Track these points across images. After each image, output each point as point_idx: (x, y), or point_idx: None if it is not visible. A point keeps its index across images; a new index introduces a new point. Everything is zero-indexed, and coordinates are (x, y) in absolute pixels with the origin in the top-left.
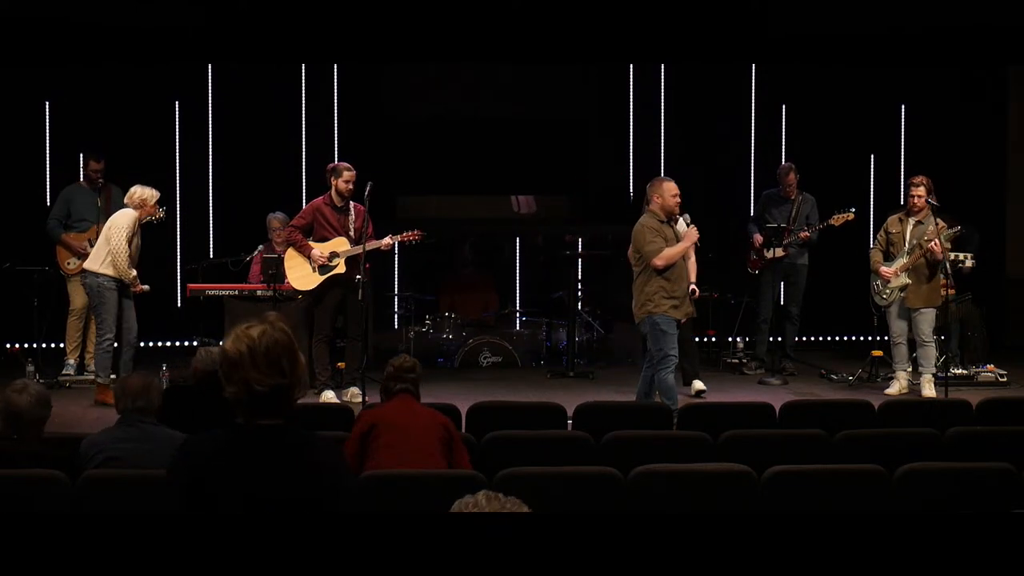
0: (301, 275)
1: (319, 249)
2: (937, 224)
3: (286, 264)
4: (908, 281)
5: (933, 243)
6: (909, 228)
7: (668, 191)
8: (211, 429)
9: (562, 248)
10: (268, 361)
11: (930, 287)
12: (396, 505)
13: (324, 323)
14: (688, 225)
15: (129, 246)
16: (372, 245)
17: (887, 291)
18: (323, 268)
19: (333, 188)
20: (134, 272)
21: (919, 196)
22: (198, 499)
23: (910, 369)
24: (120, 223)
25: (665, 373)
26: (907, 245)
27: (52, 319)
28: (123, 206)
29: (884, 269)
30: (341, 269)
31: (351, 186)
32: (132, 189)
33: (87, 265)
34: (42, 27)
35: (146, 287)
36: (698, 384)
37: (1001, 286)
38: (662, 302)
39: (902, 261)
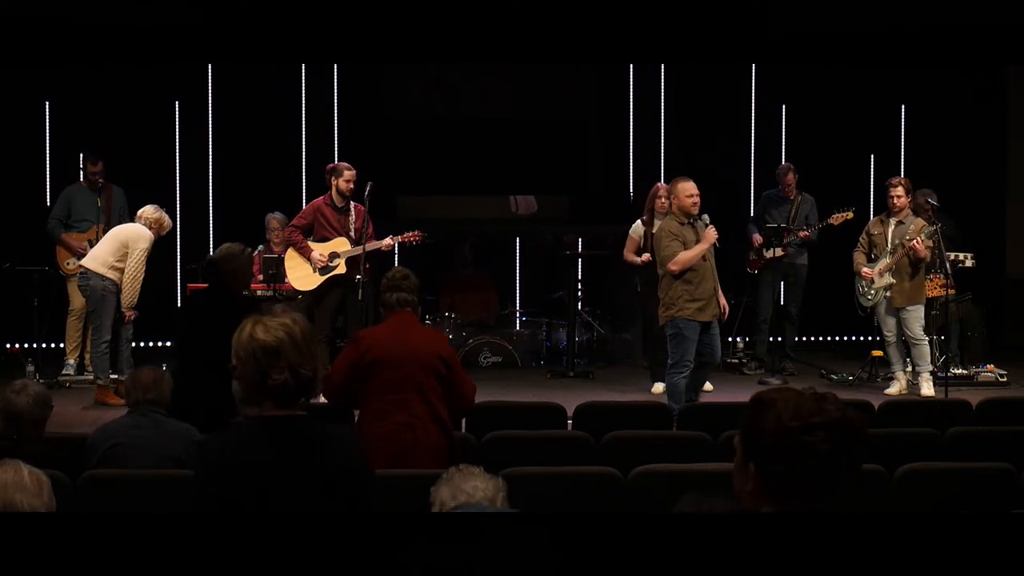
0: (301, 275)
1: (319, 251)
2: (934, 224)
3: (286, 264)
4: (892, 281)
5: (914, 241)
6: (891, 229)
7: (683, 192)
8: (229, 426)
9: (562, 248)
10: (306, 345)
11: (913, 285)
12: (396, 505)
13: (324, 323)
14: (707, 225)
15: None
16: (372, 246)
17: (871, 292)
18: (323, 268)
19: (333, 188)
20: (137, 299)
21: (898, 197)
22: (236, 498)
23: (910, 370)
24: (141, 246)
25: (678, 377)
26: (889, 245)
27: (52, 319)
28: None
29: (866, 270)
30: (341, 269)
31: (351, 186)
32: (144, 209)
33: (90, 265)
34: (42, 27)
35: (136, 313)
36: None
37: (1001, 286)
38: (686, 305)
39: (885, 261)
